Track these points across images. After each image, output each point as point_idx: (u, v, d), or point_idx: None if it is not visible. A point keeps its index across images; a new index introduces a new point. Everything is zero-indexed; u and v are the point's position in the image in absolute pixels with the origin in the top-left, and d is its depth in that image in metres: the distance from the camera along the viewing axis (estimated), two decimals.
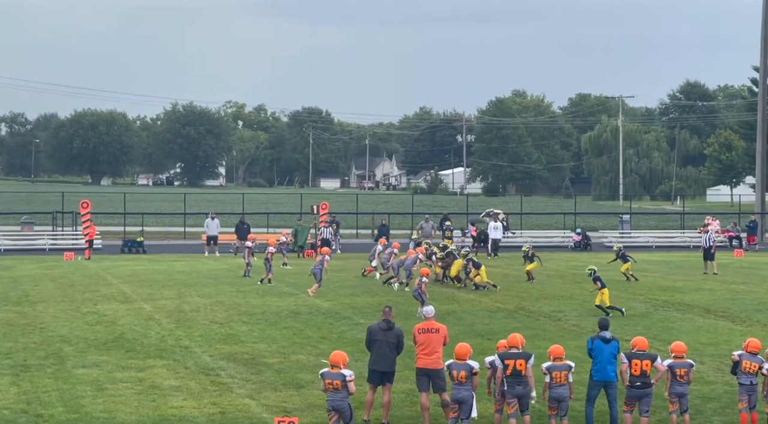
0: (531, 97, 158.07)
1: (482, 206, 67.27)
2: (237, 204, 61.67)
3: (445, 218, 47.40)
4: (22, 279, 32.44)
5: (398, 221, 60.05)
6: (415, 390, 15.98)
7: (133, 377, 17.11)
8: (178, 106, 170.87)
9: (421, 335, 14.49)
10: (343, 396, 12.91)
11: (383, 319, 14.71)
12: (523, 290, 29.71)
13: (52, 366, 17.95)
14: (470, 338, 19.05)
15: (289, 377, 17.27)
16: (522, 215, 58.84)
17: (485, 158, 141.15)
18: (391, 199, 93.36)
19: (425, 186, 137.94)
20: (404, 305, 26.47)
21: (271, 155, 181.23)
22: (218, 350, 19.79)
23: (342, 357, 13.16)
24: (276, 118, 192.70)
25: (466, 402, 13.41)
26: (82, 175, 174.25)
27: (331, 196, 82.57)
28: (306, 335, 21.72)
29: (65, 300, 27.08)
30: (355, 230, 56.76)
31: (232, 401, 15.51)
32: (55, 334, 21.42)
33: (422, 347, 14.40)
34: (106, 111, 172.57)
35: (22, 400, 15.37)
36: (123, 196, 57.49)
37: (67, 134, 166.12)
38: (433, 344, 14.33)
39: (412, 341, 14.79)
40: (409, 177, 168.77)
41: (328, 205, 46.64)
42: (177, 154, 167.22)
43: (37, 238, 47.92)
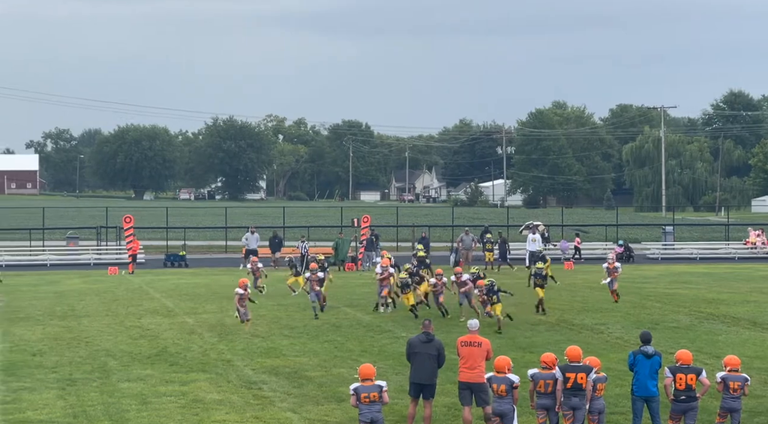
0: (571, 108, 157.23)
1: (522, 218, 66.96)
2: (278, 218, 61.99)
3: (485, 231, 47.25)
4: (67, 293, 32.83)
5: (438, 233, 59.92)
6: (457, 404, 15.94)
7: (177, 390, 17.25)
8: (218, 120, 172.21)
9: (464, 348, 14.47)
10: (378, 408, 13.03)
11: (423, 331, 14.72)
12: (565, 303, 29.50)
13: (98, 380, 18.15)
14: (512, 351, 18.99)
15: (331, 391, 17.31)
16: (563, 227, 58.50)
17: (525, 170, 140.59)
18: (431, 212, 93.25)
19: (465, 198, 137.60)
20: (441, 318, 26.44)
21: (311, 168, 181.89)
22: (260, 363, 19.89)
23: (373, 369, 13.29)
24: (316, 132, 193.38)
25: (507, 415, 13.38)
26: (126, 190, 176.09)
27: (372, 208, 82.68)
28: (347, 348, 21.76)
29: (109, 314, 27.36)
30: (396, 242, 56.73)
31: (275, 415, 15.58)
32: (100, 348, 21.66)
33: (464, 360, 14.37)
34: (148, 126, 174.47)
35: (69, 414, 15.56)
36: (165, 210, 57.98)
37: (110, 150, 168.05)
38: (475, 358, 14.30)
39: (456, 353, 14.77)
40: (449, 189, 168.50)
41: (370, 218, 46.71)
42: (218, 168, 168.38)
43: (82, 252, 48.46)
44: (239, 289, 24.26)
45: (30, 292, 33.34)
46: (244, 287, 24.34)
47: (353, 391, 13.13)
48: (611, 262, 29.74)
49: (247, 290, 24.42)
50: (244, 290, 24.30)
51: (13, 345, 22.04)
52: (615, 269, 29.47)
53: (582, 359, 13.66)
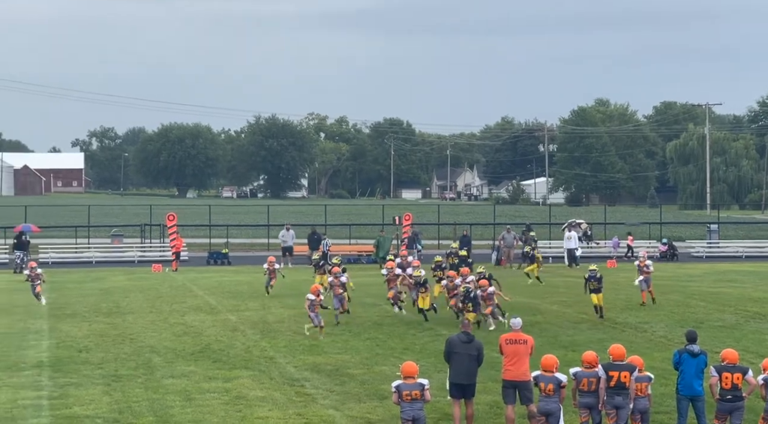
0: (614, 105, 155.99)
1: (565, 216, 66.56)
2: (319, 215, 62.13)
3: (527, 229, 47.10)
4: (112, 290, 33.21)
5: (480, 231, 59.78)
6: (499, 402, 15.90)
7: (220, 387, 17.39)
8: (261, 118, 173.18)
9: (509, 345, 14.41)
10: (420, 406, 13.05)
11: (462, 331, 14.68)
12: (608, 301, 29.20)
13: (142, 376, 18.35)
14: (554, 350, 18.87)
15: (373, 388, 17.35)
16: (606, 225, 58.09)
17: (568, 168, 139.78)
18: (472, 210, 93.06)
19: (507, 196, 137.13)
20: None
21: (352, 167, 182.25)
22: (302, 360, 19.98)
23: (415, 367, 13.29)
24: (358, 130, 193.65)
25: (554, 415, 13.34)
26: (169, 188, 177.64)
27: (413, 206, 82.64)
28: (389, 346, 21.79)
29: (154, 311, 27.64)
30: (437, 240, 56.67)
31: (317, 412, 15.65)
32: (145, 344, 21.89)
33: (509, 358, 14.30)
34: (191, 125, 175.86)
35: (114, 409, 15.75)
36: (208, 208, 58.44)
37: (154, 148, 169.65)
38: (520, 355, 14.25)
39: (498, 351, 14.73)
40: (491, 187, 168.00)
41: (412, 216, 46.70)
42: (260, 166, 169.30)
43: (127, 250, 49.00)
44: (311, 295, 23.00)
45: (76, 289, 33.78)
46: (316, 293, 23.12)
47: (395, 388, 13.15)
48: (642, 260, 28.99)
49: (319, 297, 23.20)
50: (316, 296, 23.04)
51: (60, 341, 22.35)
52: (646, 267, 28.58)
53: (625, 358, 13.57)
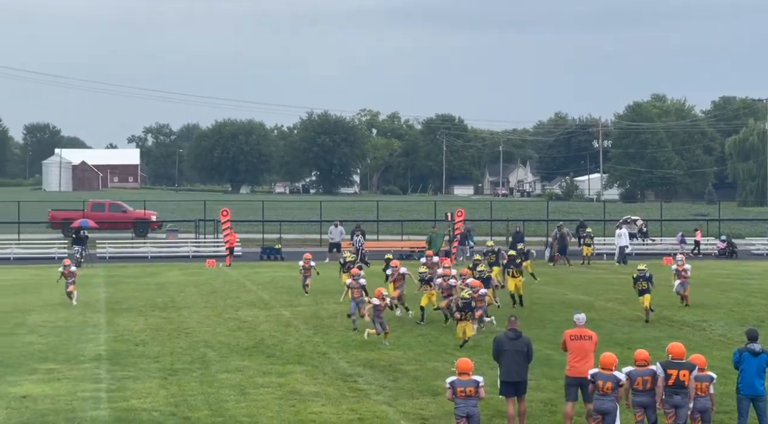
0: (671, 100, 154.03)
1: (620, 213, 65.97)
2: (371, 211, 62.32)
3: (581, 225, 46.74)
4: (167, 285, 33.58)
5: (533, 227, 59.42)
6: (554, 399, 15.84)
7: (274, 382, 17.50)
8: (313, 115, 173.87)
9: (574, 342, 14.29)
10: (474, 402, 13.01)
11: (509, 328, 14.58)
12: (664, 299, 28.87)
13: (198, 370, 18.53)
14: (610, 348, 18.65)
15: (426, 385, 17.34)
16: (662, 222, 57.43)
17: (623, 164, 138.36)
18: (525, 206, 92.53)
19: (560, 192, 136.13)
20: (536, 313, 26.24)
21: (404, 163, 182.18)
22: (355, 356, 20.02)
23: (470, 364, 13.25)
24: (410, 126, 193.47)
25: (611, 413, 13.20)
26: (222, 183, 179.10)
27: (465, 203, 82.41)
28: (441, 342, 21.75)
29: (208, 306, 27.89)
30: (490, 236, 56.41)
31: (370, 408, 15.68)
32: (200, 339, 22.10)
33: (574, 354, 14.16)
34: (245, 121, 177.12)
35: (171, 403, 15.92)
36: (261, 204, 58.81)
37: (208, 144, 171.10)
38: (585, 352, 14.13)
39: (562, 347, 14.63)
40: (544, 183, 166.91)
41: (464, 212, 46.59)
42: (313, 162, 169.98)
43: (181, 245, 49.50)
44: (375, 300, 21.61)
45: (132, 283, 34.21)
46: (381, 297, 21.63)
47: (449, 385, 13.13)
48: (680, 264, 27.40)
49: (385, 300, 21.73)
50: (381, 300, 21.60)
51: (117, 335, 22.66)
52: (684, 271, 27.30)
53: (686, 357, 13.38)
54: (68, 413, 15.18)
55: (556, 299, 29.96)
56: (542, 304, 28.48)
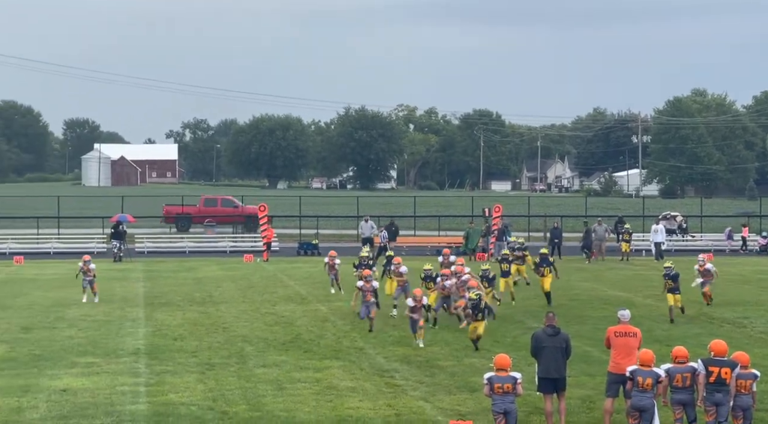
0: (712, 96, 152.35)
1: (659, 209, 65.37)
2: (408, 207, 62.22)
3: (620, 221, 46.40)
4: (205, 280, 33.77)
5: (571, 223, 59.09)
6: (592, 396, 15.74)
7: (311, 377, 17.52)
8: (350, 110, 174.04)
9: (618, 338, 14.20)
10: (512, 399, 12.95)
11: (548, 325, 14.49)
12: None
13: (235, 365, 18.60)
14: (649, 344, 18.46)
15: (463, 381, 17.28)
16: (702, 218, 56.85)
17: (662, 159, 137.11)
18: (563, 202, 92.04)
19: (599, 188, 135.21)
20: (575, 309, 26.07)
21: (441, 158, 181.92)
22: (392, 352, 20.00)
23: (509, 360, 13.20)
24: (447, 121, 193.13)
25: (649, 410, 13.08)
26: (260, 179, 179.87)
27: (503, 198, 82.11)
28: None
29: (246, 301, 28.01)
30: (527, 232, 56.21)
31: (407, 403, 15.65)
32: (237, 334, 22.19)
33: (618, 351, 14.06)
34: (282, 116, 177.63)
35: (208, 397, 16.00)
36: (298, 199, 58.97)
37: (245, 139, 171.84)
38: (630, 348, 14.03)
39: (605, 344, 14.53)
40: (582, 179, 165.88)
41: (501, 208, 46.42)
42: (350, 157, 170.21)
43: (219, 240, 49.77)
44: (410, 301, 20.91)
45: (170, 278, 34.44)
46: (417, 298, 20.73)
47: (487, 380, 13.07)
48: (702, 264, 26.55)
49: (421, 301, 20.77)
50: (417, 301, 20.67)
51: (155, 330, 22.82)
52: (707, 271, 26.51)
53: (729, 355, 13.21)
54: (107, 407, 15.30)
55: (595, 295, 29.76)
56: (581, 300, 28.32)
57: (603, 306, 26.91)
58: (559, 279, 27.75)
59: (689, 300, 26.84)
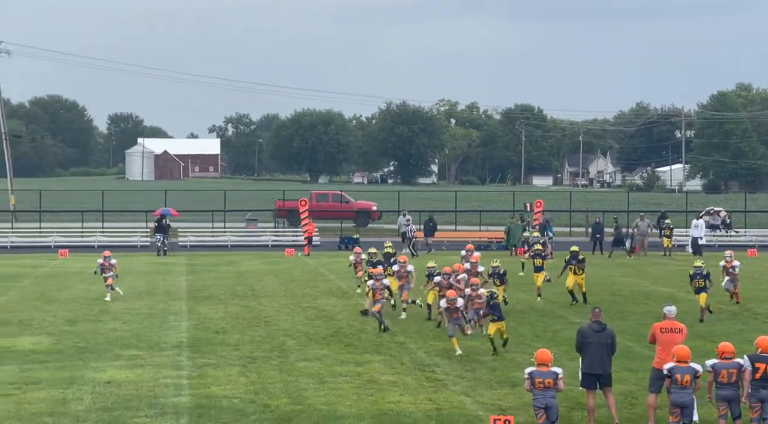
0: (756, 90, 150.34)
1: (702, 204, 64.72)
2: (449, 201, 62.22)
3: (662, 216, 46.03)
4: (247, 274, 33.99)
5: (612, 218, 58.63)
6: (634, 392, 15.68)
7: (352, 371, 17.59)
8: (392, 105, 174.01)
9: (664, 334, 14.12)
10: (553, 394, 12.93)
11: (594, 320, 14.42)
12: (748, 291, 28.24)
13: (277, 359, 18.72)
14: (692, 340, 18.34)
15: (504, 375, 17.26)
16: (746, 213, 56.17)
17: (706, 154, 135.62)
18: (605, 197, 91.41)
19: (641, 183, 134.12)
20: (617, 304, 25.91)
21: (483, 153, 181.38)
22: (433, 346, 20.01)
23: (550, 355, 13.17)
24: (488, 116, 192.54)
25: (689, 407, 13.00)
26: (301, 173, 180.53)
27: (544, 193, 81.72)
28: (519, 333, 21.62)
29: (287, 295, 28.15)
30: (569, 228, 55.94)
31: (448, 398, 15.67)
32: (279, 328, 22.33)
33: (663, 347, 13.96)
34: (323, 111, 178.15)
35: (250, 390, 16.12)
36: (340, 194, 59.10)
37: (287, 134, 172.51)
38: (675, 345, 13.96)
39: (650, 339, 14.47)
40: (624, 174, 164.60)
41: (543, 203, 46.24)
42: (391, 152, 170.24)
43: (261, 234, 50.05)
44: (443, 303, 19.77)
45: (212, 272, 34.72)
46: (455, 299, 19.63)
47: (528, 375, 13.05)
48: (729, 260, 25.82)
49: (456, 302, 19.59)
50: (451, 303, 19.54)
51: (198, 323, 23.03)
52: (732, 268, 25.75)
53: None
54: (151, 399, 15.48)
55: (637, 290, 29.57)
56: (623, 296, 28.16)
57: (645, 302, 26.74)
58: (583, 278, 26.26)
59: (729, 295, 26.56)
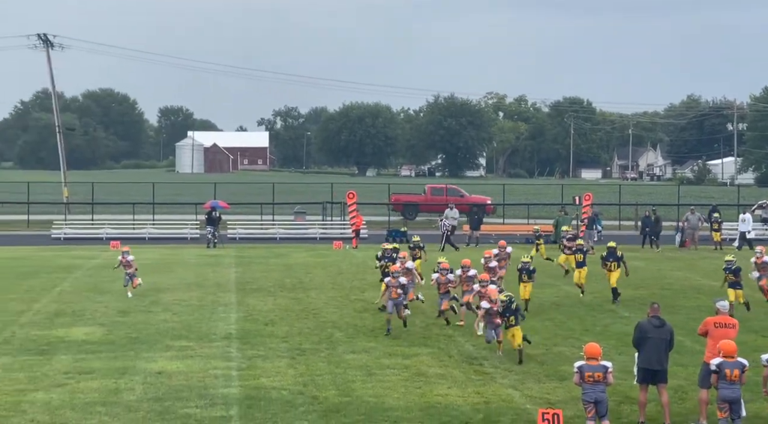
0: None
1: (755, 198, 63.82)
2: (497, 195, 61.90)
3: (713, 210, 45.48)
4: (295, 267, 34.17)
5: (663, 212, 57.99)
6: (684, 387, 15.55)
7: (400, 364, 17.63)
8: (440, 98, 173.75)
9: (718, 329, 14.02)
10: (603, 388, 12.87)
11: (652, 315, 14.32)
12: None
13: (325, 351, 18.82)
14: (744, 334, 18.15)
15: (552, 369, 17.20)
16: None
17: (758, 147, 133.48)
18: (654, 190, 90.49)
19: (692, 176, 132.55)
20: (668, 299, 25.65)
21: (531, 146, 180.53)
22: (481, 339, 19.93)
23: (599, 349, 13.11)
24: (537, 109, 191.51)
25: (738, 402, 12.87)
26: (349, 166, 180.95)
27: (593, 186, 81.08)
28: (568, 327, 21.54)
29: (335, 287, 28.26)
30: (618, 221, 55.49)
31: (496, 391, 15.65)
32: (327, 320, 22.43)
33: (715, 342, 13.83)
34: (371, 104, 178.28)
35: (299, 382, 16.23)
36: (387, 187, 59.20)
37: (335, 127, 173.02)
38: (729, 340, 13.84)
39: (700, 332, 14.39)
40: (675, 167, 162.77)
41: (592, 196, 45.92)
42: (438, 145, 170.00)
43: (309, 227, 50.28)
44: (485, 303, 18.69)
45: (261, 264, 34.95)
46: (497, 300, 18.43)
47: (577, 369, 12.99)
48: (759, 256, 25.01)
49: (496, 304, 18.27)
50: (492, 303, 18.35)
51: (247, 315, 23.21)
52: (764, 265, 24.88)
53: None
54: (201, 390, 15.64)
55: (688, 284, 29.28)
56: (673, 290, 27.90)
57: (696, 296, 26.47)
58: (628, 276, 25.96)
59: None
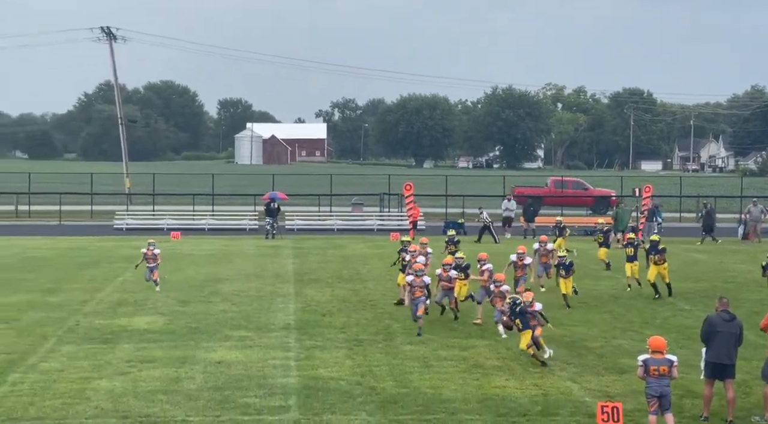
0: None
1: None
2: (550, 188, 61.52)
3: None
4: (352, 258, 34.28)
5: (724, 204, 57.21)
6: (747, 381, 15.40)
7: (457, 355, 17.61)
8: (498, 89, 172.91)
9: None
10: (667, 382, 12.72)
11: (722, 309, 14.12)
12: None
13: (382, 342, 18.86)
14: None
15: (611, 362, 17.05)
16: None
17: None
18: (716, 182, 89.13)
19: (755, 168, 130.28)
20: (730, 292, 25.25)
21: (590, 137, 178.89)
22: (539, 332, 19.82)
23: (664, 342, 12.93)
24: (596, 100, 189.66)
25: None
26: (407, 158, 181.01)
27: (653, 178, 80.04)
28: (627, 319, 21.33)
29: (392, 279, 28.18)
30: (678, 213, 54.74)
31: (554, 384, 15.56)
32: (384, 311, 22.46)
33: None
34: (429, 96, 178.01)
35: (356, 373, 16.29)
36: (444, 178, 59.03)
37: (393, 119, 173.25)
38: None
39: (762, 325, 14.32)
40: (737, 159, 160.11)
41: (652, 188, 45.33)
42: (496, 137, 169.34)
43: (366, 218, 50.38)
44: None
45: (319, 255, 35.12)
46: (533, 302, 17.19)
47: (642, 362, 12.83)
48: None
49: (534, 305, 17.11)
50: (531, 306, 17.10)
51: (305, 305, 23.34)
52: None
53: None
54: (260, 380, 15.77)
55: (750, 277, 28.78)
56: (736, 283, 27.49)
57: (759, 289, 26.03)
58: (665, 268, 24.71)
59: None
